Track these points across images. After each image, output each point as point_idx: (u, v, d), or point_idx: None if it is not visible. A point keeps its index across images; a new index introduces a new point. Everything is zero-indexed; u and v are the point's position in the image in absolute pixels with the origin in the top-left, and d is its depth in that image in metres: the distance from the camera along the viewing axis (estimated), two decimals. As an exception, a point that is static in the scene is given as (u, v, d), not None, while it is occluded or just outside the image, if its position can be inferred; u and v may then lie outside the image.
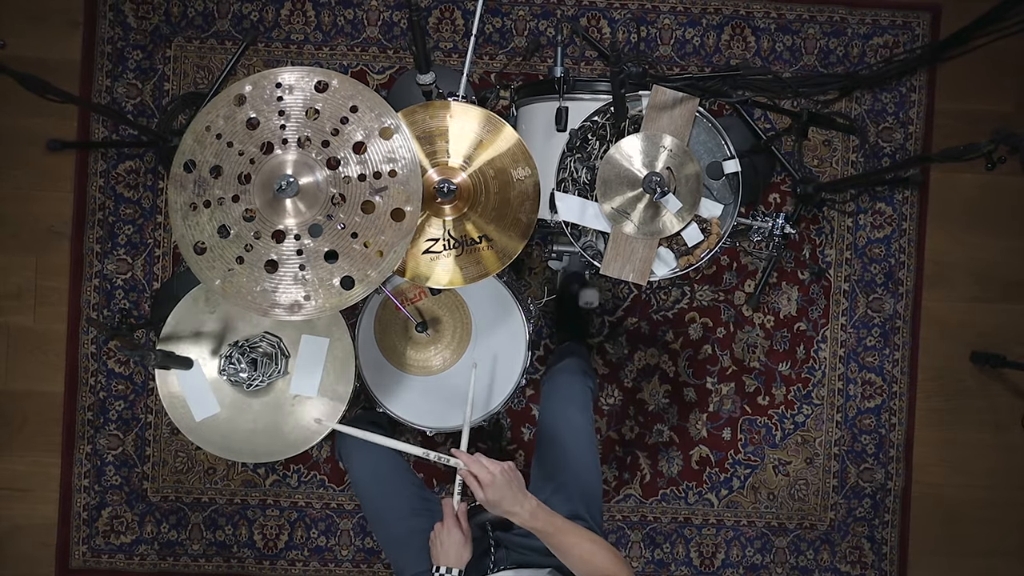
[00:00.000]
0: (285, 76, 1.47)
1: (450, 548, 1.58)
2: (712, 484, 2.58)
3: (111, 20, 2.50)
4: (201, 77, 2.51)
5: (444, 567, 1.57)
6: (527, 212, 1.61)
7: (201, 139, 1.47)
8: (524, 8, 2.54)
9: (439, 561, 1.58)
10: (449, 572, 1.57)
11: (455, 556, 1.57)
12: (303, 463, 2.53)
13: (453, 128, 1.61)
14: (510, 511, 1.47)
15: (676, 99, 1.62)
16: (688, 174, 1.62)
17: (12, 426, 2.51)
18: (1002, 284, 2.60)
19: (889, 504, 2.60)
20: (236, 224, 1.47)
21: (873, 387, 2.59)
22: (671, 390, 2.57)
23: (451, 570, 1.57)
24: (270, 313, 1.47)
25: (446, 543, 1.58)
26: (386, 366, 1.91)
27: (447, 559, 1.57)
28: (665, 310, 2.56)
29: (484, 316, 1.90)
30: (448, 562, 1.57)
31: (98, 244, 2.51)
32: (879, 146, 2.58)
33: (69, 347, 2.50)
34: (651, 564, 2.58)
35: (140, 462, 2.52)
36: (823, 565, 2.60)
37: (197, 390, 1.72)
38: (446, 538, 1.58)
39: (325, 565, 2.54)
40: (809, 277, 2.57)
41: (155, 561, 2.52)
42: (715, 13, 2.55)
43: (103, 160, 2.51)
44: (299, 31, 2.52)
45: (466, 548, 1.59)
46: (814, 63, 2.57)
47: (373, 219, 1.47)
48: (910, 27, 2.57)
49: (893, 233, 2.58)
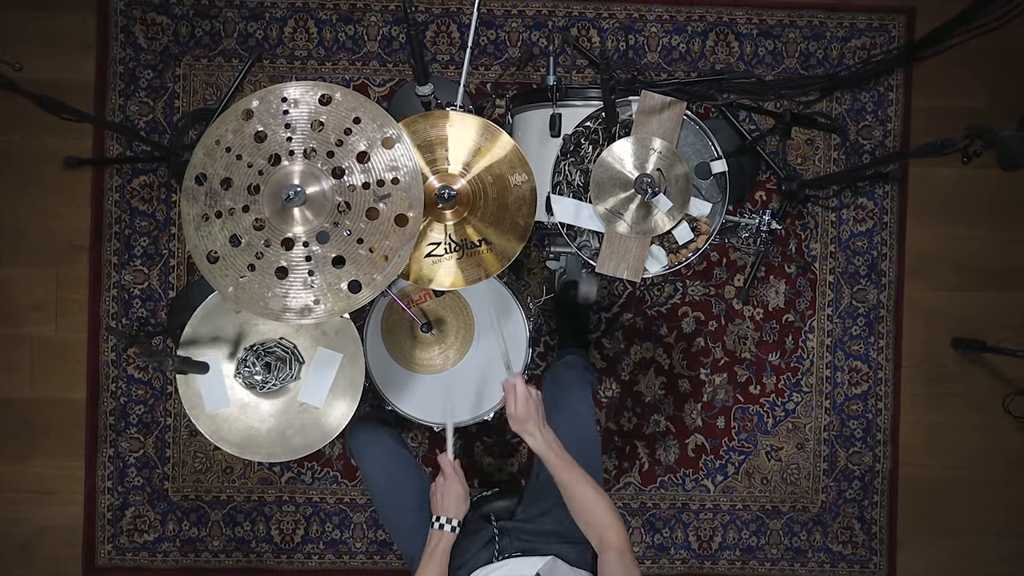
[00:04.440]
0: (290, 91, 1.47)
1: (450, 500, 1.60)
2: (708, 471, 2.58)
3: (122, 42, 2.50)
4: (210, 94, 2.52)
5: (444, 517, 1.58)
6: (524, 215, 1.61)
7: (211, 153, 1.47)
8: (517, 20, 2.54)
9: (439, 512, 1.60)
10: (449, 522, 1.58)
11: (454, 508, 1.60)
12: (316, 460, 2.53)
13: (452, 136, 1.61)
14: (531, 432, 1.54)
15: (664, 103, 1.62)
16: (677, 175, 1.62)
17: (38, 432, 2.51)
18: (981, 272, 2.60)
19: (877, 486, 2.60)
20: (247, 233, 1.47)
21: (859, 374, 2.59)
22: (666, 382, 2.57)
23: (451, 520, 1.58)
24: (282, 317, 1.47)
25: (447, 496, 1.60)
26: (393, 365, 1.91)
27: (447, 510, 1.59)
28: (659, 305, 2.56)
29: (486, 316, 1.90)
30: (448, 513, 1.59)
31: (115, 256, 2.51)
32: (859, 144, 2.58)
33: (90, 355, 2.50)
34: (651, 548, 2.58)
35: (161, 463, 2.52)
36: (816, 545, 2.60)
37: (212, 385, 1.72)
38: (447, 491, 1.61)
39: (340, 557, 2.54)
40: (796, 270, 2.57)
41: (177, 558, 2.52)
42: (699, 20, 2.55)
43: (118, 176, 2.51)
44: (302, 47, 2.52)
45: (465, 501, 1.61)
46: (795, 66, 2.57)
47: (378, 225, 1.47)
48: (886, 29, 2.57)
49: (875, 226, 2.58)
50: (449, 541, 1.59)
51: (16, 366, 2.50)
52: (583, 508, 1.50)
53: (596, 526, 1.49)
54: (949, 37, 1.47)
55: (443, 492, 1.61)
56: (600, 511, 1.49)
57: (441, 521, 1.59)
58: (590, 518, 1.49)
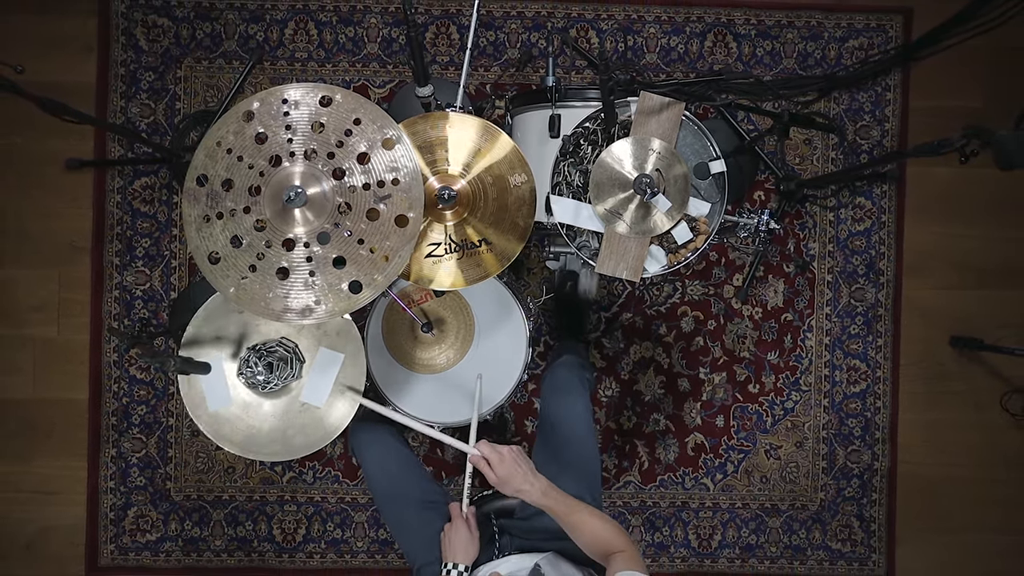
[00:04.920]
0: (291, 92, 1.47)
1: (458, 545, 1.63)
2: (707, 469, 2.58)
3: (124, 44, 2.50)
4: (211, 95, 2.51)
5: (452, 563, 1.62)
6: (524, 216, 1.61)
7: (212, 154, 1.47)
8: (516, 22, 2.54)
9: (448, 557, 1.63)
10: (456, 567, 1.62)
11: (463, 553, 1.63)
12: (318, 460, 2.53)
13: (452, 137, 1.61)
14: (520, 489, 1.47)
15: (663, 104, 1.62)
16: (676, 175, 1.62)
17: (41, 433, 2.51)
18: (978, 271, 2.60)
19: (876, 484, 2.60)
20: (248, 234, 1.47)
21: (858, 373, 2.59)
22: (666, 381, 2.57)
23: (458, 565, 1.62)
24: (283, 318, 1.47)
25: (454, 541, 1.64)
26: (394, 365, 1.91)
27: (455, 555, 1.62)
28: (658, 305, 2.56)
29: (486, 315, 1.90)
30: (456, 558, 1.62)
31: (117, 257, 2.50)
32: (857, 143, 2.58)
33: (92, 356, 2.50)
34: (652, 547, 2.58)
35: (163, 463, 2.52)
36: (815, 543, 2.60)
37: (215, 385, 1.72)
38: (454, 536, 1.64)
39: (342, 556, 2.54)
40: (794, 270, 2.57)
41: (180, 557, 2.52)
42: (698, 21, 2.55)
43: (120, 177, 2.51)
44: (303, 49, 2.52)
45: (472, 545, 1.64)
46: (793, 66, 2.57)
47: (378, 226, 1.47)
48: (884, 29, 2.57)
49: (873, 226, 2.58)
50: None
51: (19, 367, 2.50)
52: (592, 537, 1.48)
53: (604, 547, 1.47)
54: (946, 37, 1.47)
55: (451, 538, 1.64)
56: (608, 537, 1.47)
57: (448, 567, 1.61)
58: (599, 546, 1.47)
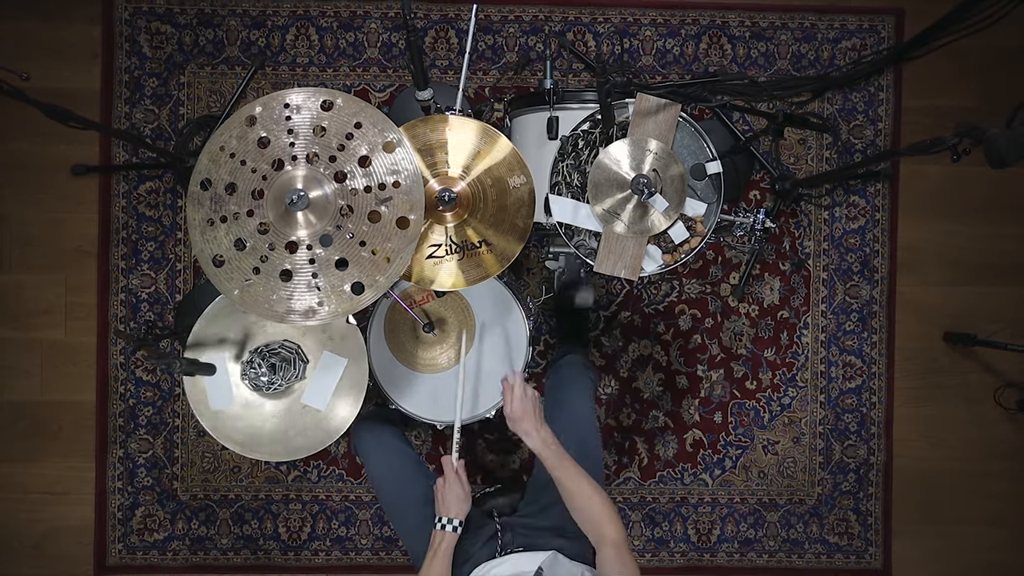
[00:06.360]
0: (292, 97, 1.47)
1: (451, 501, 1.62)
2: (706, 465, 2.58)
3: (128, 51, 2.50)
4: (214, 101, 2.51)
5: (446, 518, 1.61)
6: (524, 217, 1.61)
7: (216, 159, 1.47)
8: (514, 25, 2.54)
9: (441, 512, 1.62)
10: (451, 522, 1.60)
11: (456, 508, 1.62)
12: (322, 459, 2.53)
13: (452, 140, 1.61)
14: (528, 431, 1.53)
15: (660, 105, 1.62)
16: (673, 175, 1.62)
17: (49, 434, 2.51)
18: (971, 268, 2.60)
19: (872, 478, 2.60)
20: (251, 237, 1.47)
21: (853, 369, 2.59)
22: (664, 378, 2.57)
23: (452, 520, 1.60)
24: (287, 319, 1.47)
25: (448, 497, 1.63)
26: (397, 365, 1.91)
27: (448, 510, 1.62)
28: (656, 304, 2.56)
29: (487, 315, 1.90)
30: (449, 513, 1.61)
31: (123, 261, 2.51)
32: (851, 143, 2.58)
33: (99, 358, 2.50)
34: (651, 542, 2.58)
35: (169, 463, 2.52)
36: (812, 537, 2.60)
37: (218, 385, 1.72)
38: (448, 492, 1.63)
39: (346, 554, 2.54)
40: (790, 268, 2.57)
41: (187, 556, 2.52)
42: (693, 24, 2.55)
43: (125, 182, 2.51)
44: (304, 55, 2.52)
45: (466, 501, 1.63)
46: (787, 67, 2.57)
47: (380, 228, 1.47)
48: (876, 30, 2.57)
49: (867, 224, 2.58)
50: (451, 540, 1.61)
51: (27, 369, 2.50)
52: (580, 505, 1.50)
53: (593, 522, 1.49)
54: (937, 37, 1.47)
55: (444, 493, 1.64)
56: (597, 507, 1.49)
57: (443, 521, 1.61)
58: (587, 514, 1.50)
